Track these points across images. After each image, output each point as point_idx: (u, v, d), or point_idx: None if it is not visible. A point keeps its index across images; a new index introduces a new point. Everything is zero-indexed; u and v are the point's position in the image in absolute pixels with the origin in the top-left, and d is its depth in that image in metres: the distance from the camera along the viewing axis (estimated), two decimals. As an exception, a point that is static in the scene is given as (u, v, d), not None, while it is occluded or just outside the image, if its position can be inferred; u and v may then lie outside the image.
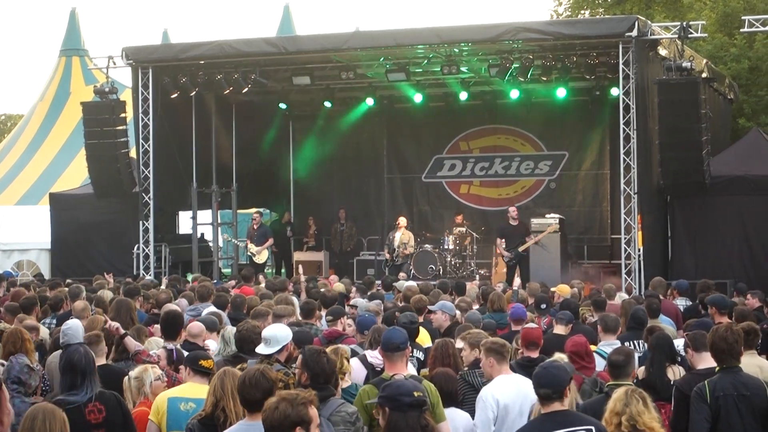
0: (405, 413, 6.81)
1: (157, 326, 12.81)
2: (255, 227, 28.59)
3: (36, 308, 15.30)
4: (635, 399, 7.34)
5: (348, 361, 9.78)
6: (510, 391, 9.26)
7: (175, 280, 21.29)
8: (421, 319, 13.41)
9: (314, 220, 30.91)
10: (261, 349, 9.70)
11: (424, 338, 12.46)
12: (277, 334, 9.77)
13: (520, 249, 25.30)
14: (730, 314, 13.92)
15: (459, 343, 10.78)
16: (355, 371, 10.20)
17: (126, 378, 9.65)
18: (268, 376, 7.61)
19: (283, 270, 30.60)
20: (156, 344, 11.69)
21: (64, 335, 11.05)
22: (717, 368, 9.15)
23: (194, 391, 9.14)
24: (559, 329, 12.95)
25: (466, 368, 10.36)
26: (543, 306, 15.09)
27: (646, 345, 12.46)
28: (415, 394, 6.84)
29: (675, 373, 11.06)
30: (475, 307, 15.94)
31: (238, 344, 10.64)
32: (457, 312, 14.52)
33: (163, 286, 19.79)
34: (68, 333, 10.99)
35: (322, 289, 17.63)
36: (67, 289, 17.54)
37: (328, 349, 9.58)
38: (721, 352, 9.12)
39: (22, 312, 14.50)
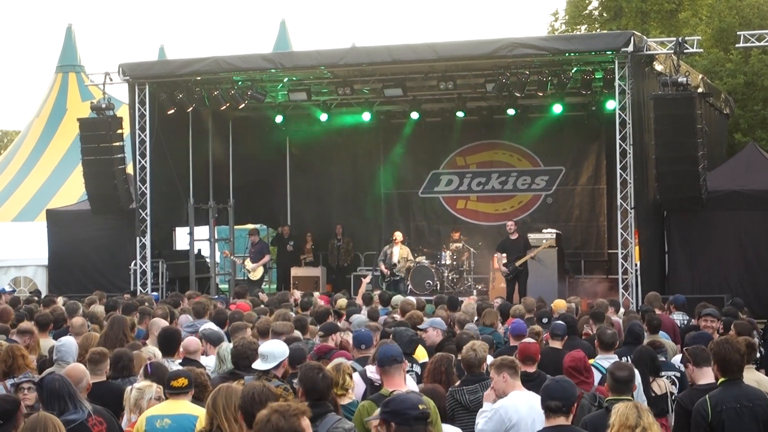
0: (412, 427, 6.67)
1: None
2: (253, 244, 28.63)
3: (50, 326, 15.17)
4: (645, 412, 7.41)
5: (350, 378, 9.76)
6: (524, 408, 9.26)
7: (174, 296, 21.22)
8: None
9: (311, 235, 30.90)
10: (258, 364, 9.71)
11: (419, 354, 12.48)
12: (274, 350, 9.79)
13: (517, 264, 25.30)
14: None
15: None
16: (355, 386, 10.20)
17: (128, 388, 9.65)
18: (274, 392, 7.60)
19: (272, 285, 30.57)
20: (153, 353, 11.69)
21: (57, 352, 11.06)
22: (720, 380, 9.13)
23: (171, 407, 9.14)
24: (555, 343, 12.96)
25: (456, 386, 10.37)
26: (544, 320, 15.11)
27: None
28: (420, 406, 6.75)
29: (660, 386, 11.11)
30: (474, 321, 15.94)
31: (234, 360, 10.63)
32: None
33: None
34: (61, 350, 11.01)
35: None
36: (63, 306, 17.51)
37: (329, 365, 9.60)
38: (732, 363, 9.08)
39: (37, 329, 14.24)
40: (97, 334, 13.01)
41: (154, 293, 24.52)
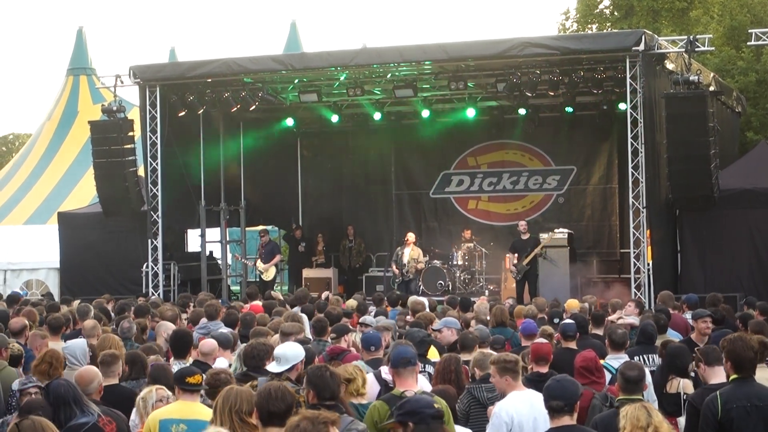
0: (429, 425, 6.80)
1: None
2: (263, 245, 28.65)
3: (63, 328, 15.14)
4: (654, 411, 7.40)
5: (365, 380, 9.75)
6: (524, 407, 9.24)
7: (184, 298, 21.21)
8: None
9: (323, 237, 30.87)
10: (272, 367, 9.69)
11: (432, 354, 12.47)
12: (287, 353, 9.76)
13: (524, 262, 25.33)
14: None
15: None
16: (369, 387, 10.19)
17: (138, 398, 9.62)
18: (291, 390, 7.61)
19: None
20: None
21: (65, 354, 11.03)
22: (731, 378, 9.07)
23: (185, 411, 9.06)
24: (569, 343, 12.89)
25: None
26: (556, 320, 15.08)
27: (657, 359, 12.47)
28: (436, 405, 6.90)
29: (674, 386, 11.04)
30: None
31: (245, 361, 10.60)
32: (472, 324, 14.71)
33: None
34: (67, 352, 10.98)
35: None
36: (75, 307, 17.52)
37: (350, 366, 9.59)
38: (746, 361, 9.02)
39: (48, 332, 14.21)
40: (115, 336, 12.88)
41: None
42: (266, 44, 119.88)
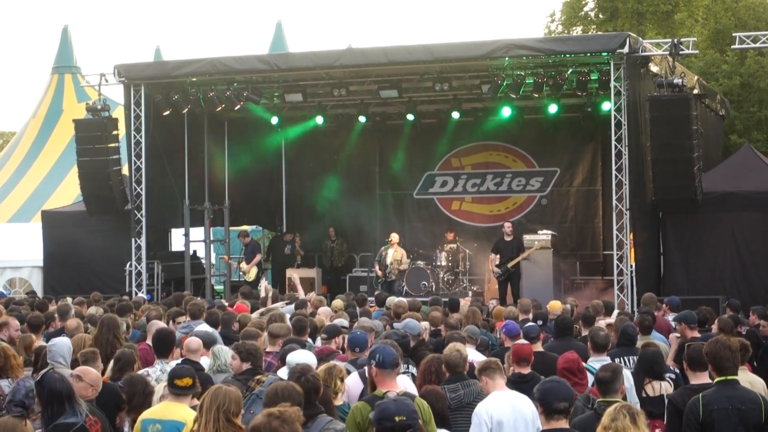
0: None
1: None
2: (245, 246, 28.70)
3: (43, 327, 15.08)
4: (622, 414, 7.32)
5: (342, 381, 9.77)
6: (504, 407, 9.26)
7: (176, 297, 21.11)
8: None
9: (299, 236, 30.66)
10: (282, 372, 9.75)
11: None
12: (291, 361, 9.82)
13: (509, 265, 25.36)
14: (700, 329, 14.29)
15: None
16: (353, 387, 10.20)
17: (157, 387, 9.68)
18: (298, 390, 7.65)
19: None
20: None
21: (48, 352, 11.04)
22: (715, 380, 9.12)
23: (165, 411, 9.10)
24: (535, 346, 12.76)
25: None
26: (539, 322, 15.10)
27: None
28: (396, 418, 7.02)
29: (655, 389, 11.05)
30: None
31: (258, 361, 10.65)
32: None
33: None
34: (52, 350, 10.99)
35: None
36: (56, 306, 17.48)
37: (321, 368, 9.61)
38: (725, 362, 9.04)
39: (29, 331, 14.19)
40: (87, 335, 12.91)
41: (147, 295, 24.51)
42: (252, 44, 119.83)
